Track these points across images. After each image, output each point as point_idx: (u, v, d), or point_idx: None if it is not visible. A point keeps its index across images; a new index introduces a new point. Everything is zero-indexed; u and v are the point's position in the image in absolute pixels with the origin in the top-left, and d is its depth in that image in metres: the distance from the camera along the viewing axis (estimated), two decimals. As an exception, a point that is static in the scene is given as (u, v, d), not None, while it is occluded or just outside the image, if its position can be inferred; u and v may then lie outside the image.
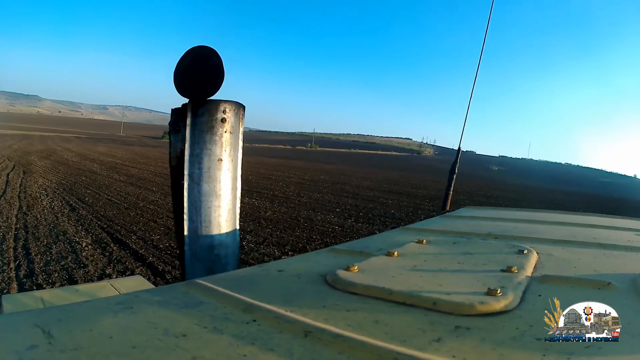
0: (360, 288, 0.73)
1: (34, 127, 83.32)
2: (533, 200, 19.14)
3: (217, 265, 1.17)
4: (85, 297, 1.80)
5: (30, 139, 41.50)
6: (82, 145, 38.16)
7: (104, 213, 8.29)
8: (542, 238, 1.28)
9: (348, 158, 60.14)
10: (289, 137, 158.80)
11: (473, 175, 38.47)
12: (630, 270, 0.89)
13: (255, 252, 6.10)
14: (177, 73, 1.18)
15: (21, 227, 6.66)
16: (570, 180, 53.16)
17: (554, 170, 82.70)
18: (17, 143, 32.83)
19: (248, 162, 29.27)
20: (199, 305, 0.68)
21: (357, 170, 32.25)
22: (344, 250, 1.14)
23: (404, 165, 52.28)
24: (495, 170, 59.64)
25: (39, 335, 0.54)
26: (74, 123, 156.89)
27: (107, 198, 10.10)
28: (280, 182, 17.40)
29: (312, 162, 40.12)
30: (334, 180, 20.57)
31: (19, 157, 20.76)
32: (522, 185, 31.98)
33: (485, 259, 0.95)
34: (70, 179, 13.67)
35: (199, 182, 1.15)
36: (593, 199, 24.08)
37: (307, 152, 68.68)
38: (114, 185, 12.63)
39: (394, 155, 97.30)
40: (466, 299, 0.65)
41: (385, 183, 21.40)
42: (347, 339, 0.53)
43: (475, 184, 26.17)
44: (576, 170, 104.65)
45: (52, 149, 29.49)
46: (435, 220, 1.85)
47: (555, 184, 39.93)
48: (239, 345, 0.52)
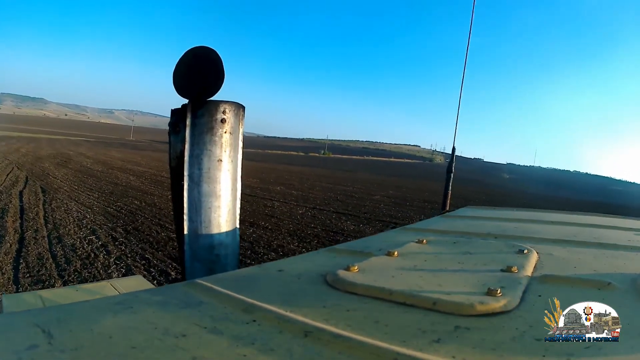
0: (360, 288, 0.73)
1: (41, 130, 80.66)
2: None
3: (217, 266, 1.17)
4: (85, 297, 1.80)
5: (37, 141, 39.72)
6: (94, 149, 36.13)
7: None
8: (542, 238, 1.28)
9: (366, 166, 57.22)
10: (298, 143, 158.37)
11: (488, 184, 36.84)
12: (630, 270, 0.89)
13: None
14: (176, 74, 1.18)
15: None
16: (587, 189, 50.98)
17: (565, 178, 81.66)
18: (25, 146, 30.95)
19: (277, 170, 28.08)
20: (199, 305, 0.68)
21: (385, 178, 30.68)
22: (344, 250, 1.14)
23: (423, 173, 49.03)
24: (507, 179, 58.43)
25: (39, 335, 0.54)
26: (81, 126, 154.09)
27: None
28: (365, 199, 15.09)
29: (336, 170, 37.92)
30: (392, 194, 18.20)
31: (31, 165, 17.34)
32: (543, 195, 30.24)
33: (485, 258, 0.95)
34: (118, 204, 9.43)
35: (199, 182, 1.15)
36: (622, 210, 23.33)
37: (323, 160, 66.46)
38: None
39: (408, 162, 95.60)
40: (466, 299, 0.65)
41: (427, 192, 20.33)
42: (347, 339, 0.53)
43: (495, 193, 24.88)
44: (586, 178, 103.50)
45: (64, 153, 27.25)
46: (435, 220, 1.85)
47: (579, 194, 38.27)
48: (239, 345, 0.52)
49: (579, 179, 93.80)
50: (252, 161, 36.25)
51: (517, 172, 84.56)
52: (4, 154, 22.43)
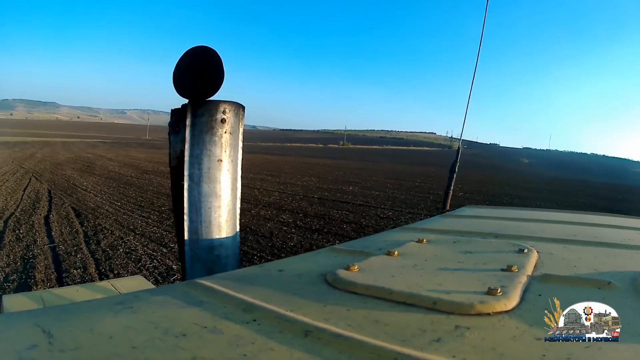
0: (361, 288, 0.73)
1: (54, 134, 78.01)
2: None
3: (217, 266, 1.17)
4: (85, 297, 1.80)
5: (52, 145, 37.80)
6: (113, 150, 33.73)
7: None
8: (543, 237, 1.27)
9: (389, 156, 53.65)
10: (314, 135, 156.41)
11: (508, 170, 33.87)
12: (630, 269, 0.89)
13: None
14: (176, 73, 1.18)
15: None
16: (606, 171, 47.86)
17: (583, 161, 79.55)
18: (40, 151, 28.79)
19: (318, 166, 25.38)
20: (199, 305, 0.68)
21: (418, 168, 28.30)
22: (344, 250, 1.14)
23: (448, 161, 47.19)
24: (526, 163, 56.26)
25: (39, 335, 0.54)
26: (95, 128, 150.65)
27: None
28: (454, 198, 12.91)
29: (369, 162, 34.84)
30: (428, 185, 16.32)
31: (51, 173, 14.64)
32: (563, 178, 27.74)
33: (485, 258, 0.95)
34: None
35: (199, 182, 1.15)
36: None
37: (343, 151, 63.52)
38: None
39: (428, 150, 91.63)
40: (466, 298, 0.65)
41: (475, 184, 17.96)
42: (347, 338, 0.53)
43: (521, 180, 22.66)
44: (603, 160, 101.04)
45: (84, 157, 24.86)
46: (435, 220, 1.85)
47: (598, 176, 35.92)
48: (239, 345, 0.52)
49: (596, 161, 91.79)
50: (281, 156, 34.13)
51: (534, 157, 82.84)
52: (19, 160, 20.46)
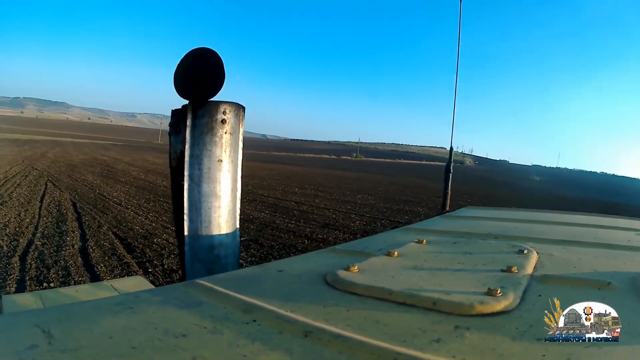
0: (361, 288, 0.73)
1: (64, 133, 77.02)
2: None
3: (217, 266, 1.17)
4: (85, 297, 1.80)
5: (63, 145, 36.98)
6: (127, 154, 32.12)
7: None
8: (542, 238, 1.27)
9: (408, 170, 51.30)
10: (325, 146, 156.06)
11: (522, 188, 31.31)
12: (630, 270, 0.89)
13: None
14: (177, 75, 1.18)
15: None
16: (618, 190, 44.91)
17: (593, 180, 78.54)
18: (51, 150, 27.81)
19: (343, 178, 23.21)
20: (199, 305, 0.68)
21: (438, 184, 27.70)
22: (344, 250, 1.14)
23: (470, 178, 40.31)
24: (538, 181, 55.48)
25: (39, 335, 0.54)
26: (105, 130, 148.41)
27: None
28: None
29: (388, 176, 32.79)
30: (483, 203, 15.24)
31: (68, 177, 12.86)
32: (579, 198, 25.43)
33: (485, 258, 0.95)
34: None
35: (199, 183, 1.15)
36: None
37: (360, 163, 61.78)
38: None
39: (441, 165, 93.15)
40: (466, 299, 0.65)
41: (494, 201, 17.23)
42: (347, 339, 0.53)
43: (540, 200, 21.17)
44: (614, 180, 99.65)
45: (99, 159, 23.39)
46: (435, 220, 1.85)
47: (610, 196, 32.55)
48: (239, 345, 0.52)
49: (606, 180, 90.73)
50: (304, 167, 32.61)
51: (544, 174, 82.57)
52: (30, 160, 19.03)
